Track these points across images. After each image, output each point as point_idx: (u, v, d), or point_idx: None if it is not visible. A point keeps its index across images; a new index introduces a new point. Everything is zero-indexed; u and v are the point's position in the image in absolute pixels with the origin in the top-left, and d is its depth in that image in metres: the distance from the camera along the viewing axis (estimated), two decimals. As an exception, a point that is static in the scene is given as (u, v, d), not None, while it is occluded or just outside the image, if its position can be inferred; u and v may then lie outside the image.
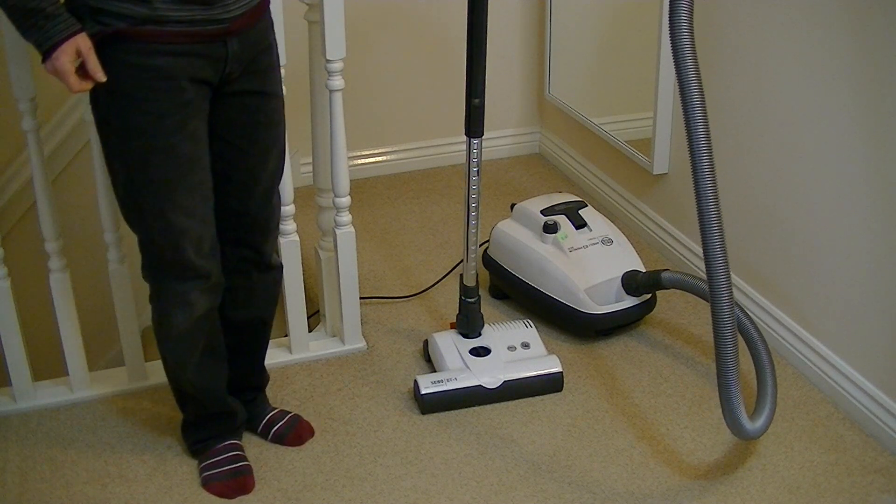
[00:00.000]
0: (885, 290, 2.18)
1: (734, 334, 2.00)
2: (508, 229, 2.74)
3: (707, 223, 1.95)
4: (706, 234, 1.95)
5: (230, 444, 2.18)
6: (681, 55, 1.88)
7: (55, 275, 2.31)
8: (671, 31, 1.87)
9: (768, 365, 2.24)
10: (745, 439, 2.14)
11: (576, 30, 3.39)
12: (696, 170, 1.92)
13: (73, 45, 1.71)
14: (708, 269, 1.98)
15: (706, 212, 1.94)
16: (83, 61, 1.74)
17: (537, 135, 3.79)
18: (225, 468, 2.14)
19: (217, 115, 1.93)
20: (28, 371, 2.38)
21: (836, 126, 2.23)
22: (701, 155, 1.90)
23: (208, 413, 2.17)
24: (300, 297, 2.50)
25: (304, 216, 2.68)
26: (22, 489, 2.16)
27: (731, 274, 1.99)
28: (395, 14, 3.46)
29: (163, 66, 1.78)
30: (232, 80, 1.89)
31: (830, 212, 2.30)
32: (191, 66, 1.81)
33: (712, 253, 1.96)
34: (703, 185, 1.92)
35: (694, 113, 1.89)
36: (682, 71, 1.89)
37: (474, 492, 2.13)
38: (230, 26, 1.82)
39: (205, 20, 1.78)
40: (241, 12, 1.84)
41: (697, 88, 1.88)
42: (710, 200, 1.93)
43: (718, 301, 1.98)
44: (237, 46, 1.85)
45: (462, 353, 2.42)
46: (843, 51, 2.17)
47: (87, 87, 1.77)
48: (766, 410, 2.12)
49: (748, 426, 2.05)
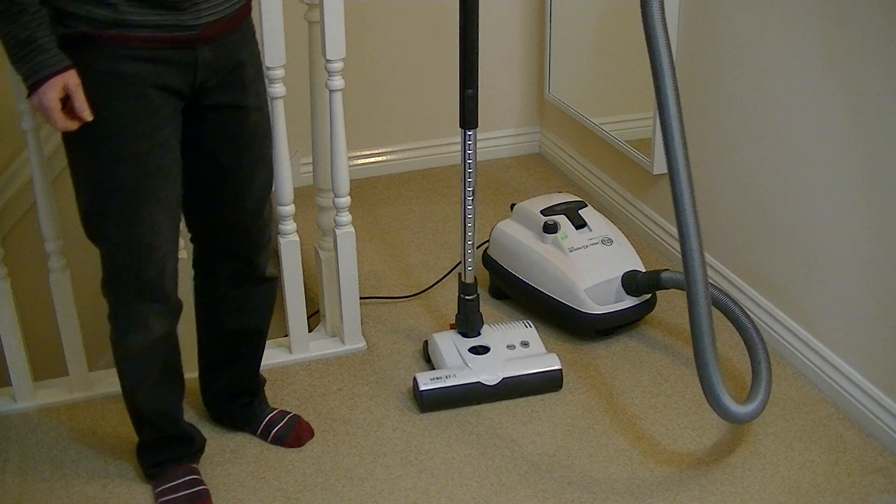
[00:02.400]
0: (885, 290, 2.18)
1: (709, 312, 1.99)
2: (508, 229, 2.74)
3: (679, 199, 1.93)
4: (679, 212, 1.94)
5: (187, 468, 2.12)
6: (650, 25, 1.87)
7: (55, 275, 2.31)
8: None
9: (762, 351, 2.23)
10: (733, 422, 2.11)
11: (576, 30, 3.39)
12: (666, 139, 1.92)
13: (61, 81, 1.67)
14: (682, 244, 1.98)
15: (678, 189, 1.93)
16: (70, 99, 1.69)
17: (537, 134, 3.79)
18: (182, 493, 2.07)
19: (199, 129, 1.88)
20: (28, 371, 2.38)
21: (836, 126, 2.23)
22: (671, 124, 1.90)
23: (164, 436, 2.12)
24: (300, 297, 2.50)
25: (304, 216, 2.68)
26: (22, 489, 2.16)
27: (703, 250, 1.99)
28: (395, 14, 3.46)
29: (129, 72, 1.72)
30: (208, 90, 1.84)
31: (830, 212, 2.30)
32: (157, 73, 1.75)
33: (685, 226, 1.95)
34: (675, 160, 1.91)
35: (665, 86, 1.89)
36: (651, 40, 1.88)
37: (474, 492, 2.13)
38: (201, 33, 1.76)
39: (174, 25, 1.72)
40: (214, 19, 1.77)
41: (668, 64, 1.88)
42: (682, 176, 1.92)
43: (691, 274, 1.97)
44: (209, 54, 1.79)
45: (461, 352, 2.42)
46: (843, 51, 2.17)
47: (73, 126, 1.72)
48: (760, 395, 2.11)
49: (732, 407, 2.03)
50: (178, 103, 1.82)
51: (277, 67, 2.25)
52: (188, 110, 1.85)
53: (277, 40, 2.22)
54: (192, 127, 1.87)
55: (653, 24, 1.87)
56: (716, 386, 2.00)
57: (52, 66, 1.66)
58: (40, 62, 1.65)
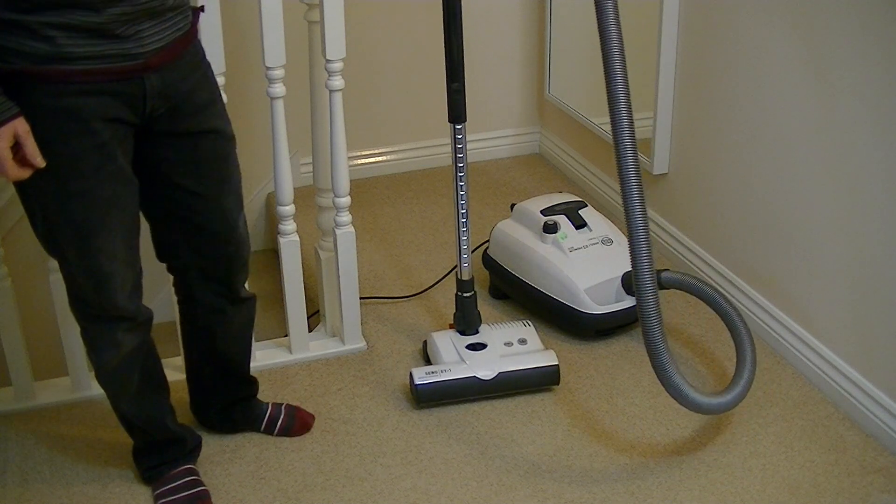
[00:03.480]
0: (885, 290, 2.18)
1: (655, 295, 1.99)
2: (508, 229, 2.74)
3: (624, 167, 1.97)
4: (622, 174, 1.97)
5: (185, 469, 2.11)
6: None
7: (55, 275, 2.30)
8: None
9: (747, 341, 2.22)
10: (699, 412, 2.11)
11: (576, 30, 3.39)
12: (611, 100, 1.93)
13: (10, 130, 1.58)
14: (626, 212, 2.01)
15: (621, 153, 1.96)
16: (20, 146, 1.61)
17: (537, 134, 3.79)
18: (182, 494, 2.07)
19: (156, 155, 1.83)
20: (28, 371, 2.38)
21: (836, 126, 2.23)
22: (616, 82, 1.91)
23: (156, 440, 2.11)
24: (300, 297, 2.50)
25: (304, 216, 2.68)
26: (22, 489, 2.16)
27: (647, 216, 2.00)
28: (394, 14, 3.46)
29: (72, 108, 1.64)
30: (159, 117, 1.77)
31: (831, 212, 2.30)
32: (103, 106, 1.67)
33: (628, 190, 1.99)
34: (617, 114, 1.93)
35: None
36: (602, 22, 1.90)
37: (474, 492, 2.13)
38: (147, 61, 1.68)
39: (117, 55, 1.64)
40: (158, 46, 1.70)
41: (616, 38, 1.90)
42: (626, 135, 1.95)
43: (635, 242, 1.98)
44: (157, 83, 1.72)
45: (459, 349, 2.42)
46: (843, 51, 2.17)
47: (26, 174, 1.64)
48: (738, 387, 2.11)
49: (694, 396, 2.04)
50: (129, 129, 1.75)
51: (277, 67, 2.25)
52: (140, 135, 1.79)
53: (277, 40, 2.22)
54: (148, 153, 1.82)
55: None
56: (673, 377, 2.02)
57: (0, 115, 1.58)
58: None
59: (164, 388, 2.10)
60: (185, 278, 2.05)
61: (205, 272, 2.01)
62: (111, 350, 1.92)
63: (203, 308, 2.07)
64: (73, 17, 1.58)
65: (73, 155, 1.69)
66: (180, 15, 1.76)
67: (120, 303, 1.86)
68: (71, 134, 1.67)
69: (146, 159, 1.83)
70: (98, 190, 1.74)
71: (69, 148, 1.68)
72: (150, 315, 1.98)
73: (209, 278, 2.02)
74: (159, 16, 1.70)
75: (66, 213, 1.74)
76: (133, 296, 1.89)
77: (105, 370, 1.97)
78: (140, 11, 1.65)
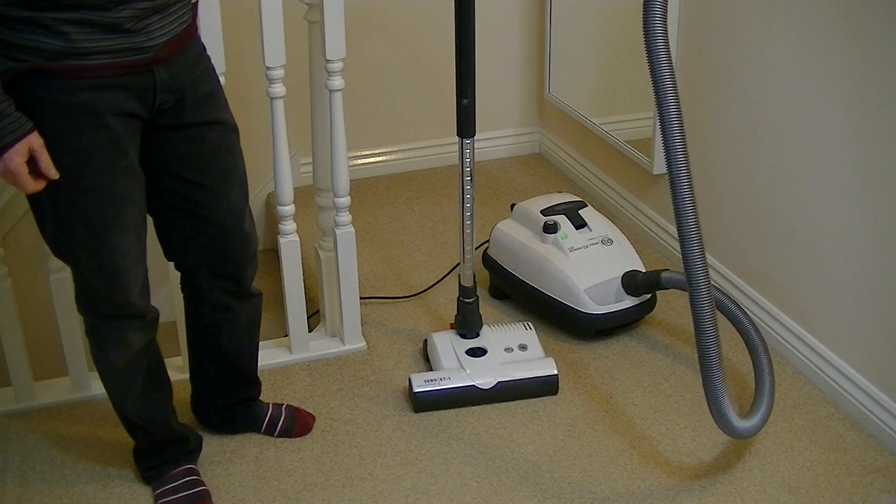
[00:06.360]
0: (885, 290, 2.18)
1: (714, 323, 1.95)
2: (508, 229, 2.74)
3: (680, 201, 1.88)
4: (679, 214, 1.89)
5: (185, 469, 2.12)
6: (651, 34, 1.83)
7: (55, 275, 2.30)
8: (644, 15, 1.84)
9: (766, 364, 2.23)
10: (735, 437, 2.12)
11: (576, 30, 3.39)
12: (668, 147, 1.88)
13: (25, 145, 1.62)
14: (683, 251, 1.92)
15: (679, 190, 1.88)
16: (35, 159, 1.64)
17: (537, 135, 3.79)
18: (182, 494, 2.08)
19: (161, 149, 1.84)
20: (28, 371, 2.38)
21: (835, 125, 2.23)
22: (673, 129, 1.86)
23: (158, 440, 2.11)
24: (300, 297, 2.50)
25: (304, 216, 2.68)
26: (22, 489, 2.16)
27: (706, 256, 1.94)
28: (395, 14, 3.46)
29: (86, 103, 1.67)
30: (165, 111, 1.80)
31: (830, 211, 2.30)
32: (116, 100, 1.70)
33: (687, 233, 1.90)
34: (675, 160, 1.87)
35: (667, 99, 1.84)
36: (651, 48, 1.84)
37: (474, 492, 2.13)
38: (157, 55, 1.72)
39: (128, 49, 1.67)
40: (165, 39, 1.73)
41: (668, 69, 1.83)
42: (684, 180, 1.87)
43: (695, 284, 1.92)
44: (166, 76, 1.75)
45: (458, 354, 2.42)
46: (843, 51, 2.17)
47: (40, 186, 1.67)
48: (762, 410, 2.11)
49: (735, 423, 2.03)
50: (138, 125, 1.78)
51: (277, 67, 2.25)
52: (146, 131, 1.81)
53: (277, 40, 2.22)
54: (153, 148, 1.83)
55: (653, 24, 1.84)
56: (722, 403, 1.99)
57: (14, 131, 1.61)
58: (2, 129, 1.60)
59: (167, 388, 2.10)
60: (193, 275, 2.05)
61: (213, 268, 2.02)
62: (120, 349, 1.93)
63: (210, 305, 2.07)
64: (85, 14, 1.61)
65: (88, 150, 1.71)
66: (183, 8, 1.79)
67: (133, 300, 1.87)
68: (85, 129, 1.69)
69: (152, 154, 1.84)
70: (112, 185, 1.76)
71: (83, 143, 1.70)
72: (158, 314, 1.99)
73: (217, 275, 2.03)
74: (165, 9, 1.73)
75: (81, 209, 1.75)
76: (143, 291, 1.90)
77: (112, 369, 1.97)
78: (148, 9, 1.68)
